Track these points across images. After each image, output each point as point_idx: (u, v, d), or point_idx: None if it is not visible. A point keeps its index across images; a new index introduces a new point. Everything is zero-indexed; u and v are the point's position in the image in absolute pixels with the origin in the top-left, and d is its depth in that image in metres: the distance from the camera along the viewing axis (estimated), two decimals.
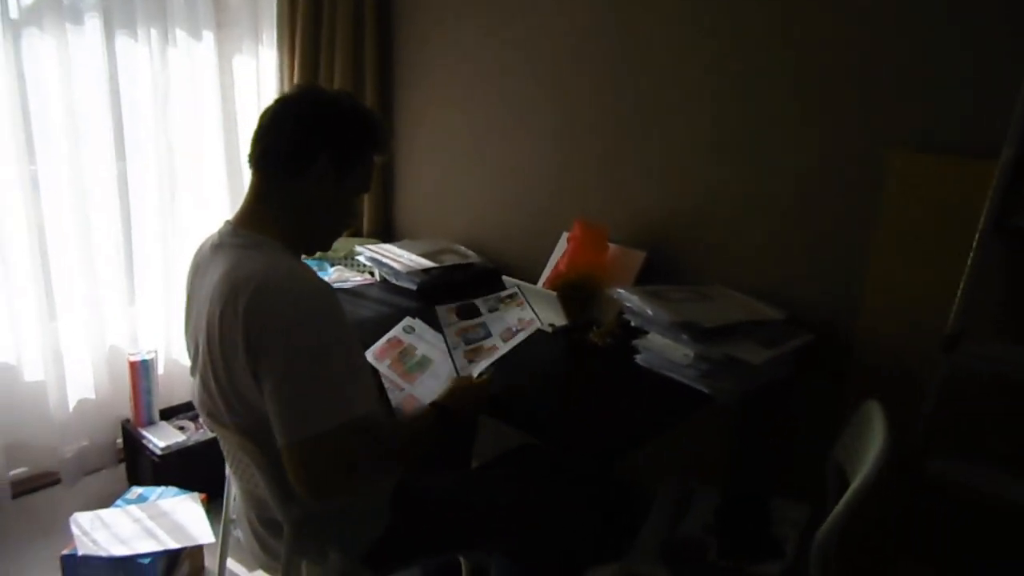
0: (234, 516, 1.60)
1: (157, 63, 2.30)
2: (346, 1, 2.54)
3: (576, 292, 2.00)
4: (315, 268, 2.76)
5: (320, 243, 1.30)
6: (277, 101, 1.25)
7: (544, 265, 2.26)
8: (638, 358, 1.75)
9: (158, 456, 2.26)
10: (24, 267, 2.18)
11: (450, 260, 2.36)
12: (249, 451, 1.21)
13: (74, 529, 1.89)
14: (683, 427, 1.64)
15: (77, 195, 2.22)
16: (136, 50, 2.27)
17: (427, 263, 2.28)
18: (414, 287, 2.27)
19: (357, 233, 2.85)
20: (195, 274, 1.29)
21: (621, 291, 1.75)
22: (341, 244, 2.80)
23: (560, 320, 1.97)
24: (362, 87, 2.66)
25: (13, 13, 2.00)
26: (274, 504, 1.24)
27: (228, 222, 1.26)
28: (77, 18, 2.13)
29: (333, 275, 2.54)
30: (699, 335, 1.60)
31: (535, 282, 2.21)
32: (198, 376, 1.25)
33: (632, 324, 1.78)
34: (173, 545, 1.89)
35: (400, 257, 2.30)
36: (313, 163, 1.22)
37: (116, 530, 1.91)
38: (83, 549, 1.82)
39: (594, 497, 1.65)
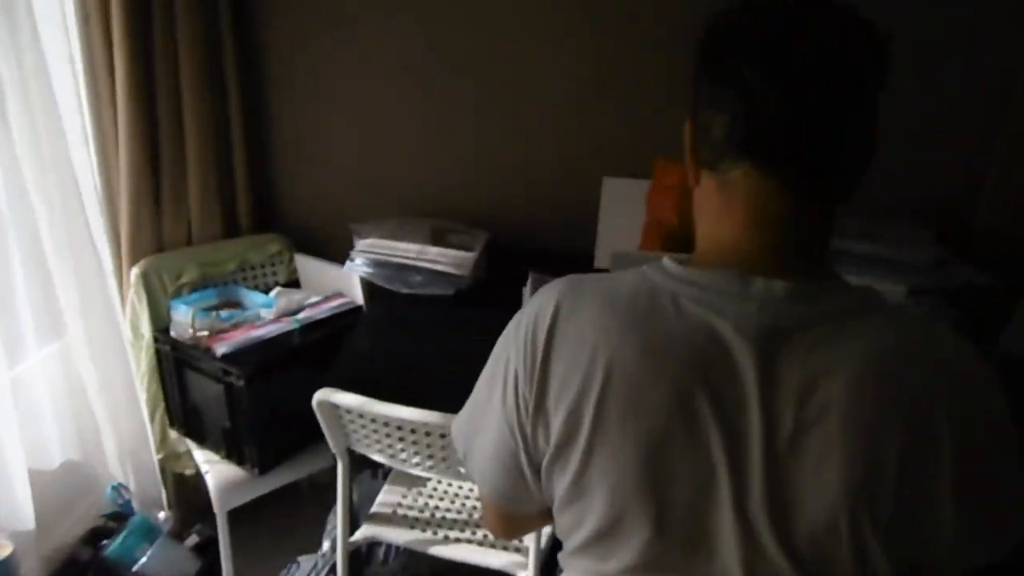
0: None
1: None
2: None
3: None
4: (216, 297, 1.77)
5: None
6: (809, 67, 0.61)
7: (584, 228, 1.76)
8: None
9: None
10: None
11: (464, 242, 1.72)
12: None
13: None
14: None
15: None
16: None
17: (470, 254, 1.61)
18: (452, 292, 1.60)
19: (234, 233, 1.90)
20: (696, 376, 0.65)
21: None
22: (227, 254, 1.85)
23: None
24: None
25: None
26: None
27: (773, 282, 0.66)
28: None
29: (281, 303, 1.65)
30: None
31: (587, 252, 1.74)
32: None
33: None
34: None
35: (425, 253, 1.58)
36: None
37: None
38: None
39: None
